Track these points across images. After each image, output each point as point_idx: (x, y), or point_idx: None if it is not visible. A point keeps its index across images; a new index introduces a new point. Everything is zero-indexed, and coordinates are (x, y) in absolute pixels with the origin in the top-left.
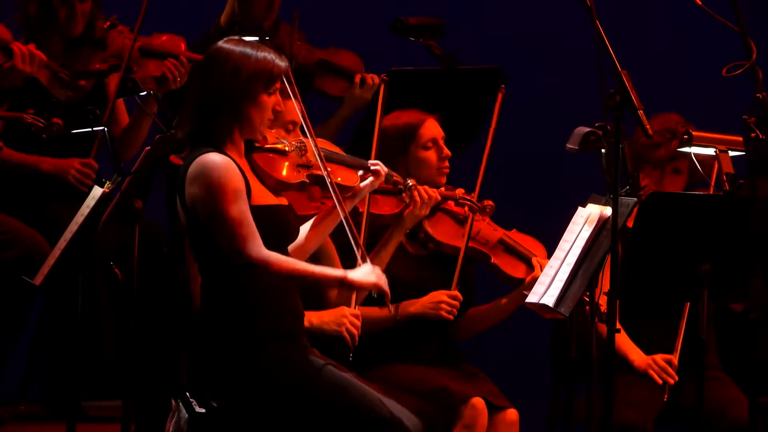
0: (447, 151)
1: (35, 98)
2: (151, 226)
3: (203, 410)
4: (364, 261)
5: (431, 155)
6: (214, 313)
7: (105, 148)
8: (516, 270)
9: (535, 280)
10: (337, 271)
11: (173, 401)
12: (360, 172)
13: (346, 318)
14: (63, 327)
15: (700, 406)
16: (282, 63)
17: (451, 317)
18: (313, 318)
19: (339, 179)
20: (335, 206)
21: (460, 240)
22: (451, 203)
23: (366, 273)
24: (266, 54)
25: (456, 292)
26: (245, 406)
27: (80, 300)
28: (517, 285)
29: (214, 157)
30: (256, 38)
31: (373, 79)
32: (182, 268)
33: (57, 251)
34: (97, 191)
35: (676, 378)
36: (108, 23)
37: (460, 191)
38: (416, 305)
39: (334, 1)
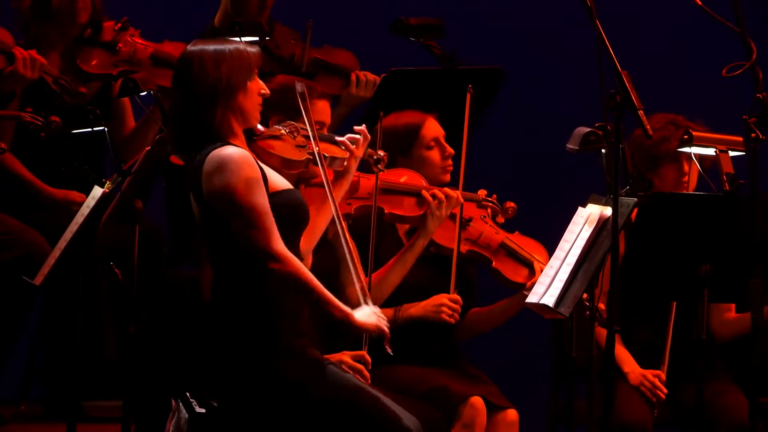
0: (450, 150)
1: (44, 99)
2: (151, 226)
3: (203, 410)
4: (365, 298)
5: (434, 155)
6: (222, 310)
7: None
8: (517, 274)
9: None
10: (344, 307)
11: (173, 401)
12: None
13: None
14: (63, 327)
15: (700, 406)
16: (252, 49)
17: (452, 320)
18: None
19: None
20: (332, 185)
21: (461, 243)
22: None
23: (368, 315)
24: (236, 45)
25: (456, 295)
26: (248, 405)
27: (80, 300)
28: (517, 289)
29: (230, 150)
30: (256, 38)
31: (366, 76)
32: (183, 268)
33: (57, 251)
34: (97, 191)
35: (665, 391)
36: (119, 25)
37: (482, 192)
38: (417, 308)
39: (334, 1)
